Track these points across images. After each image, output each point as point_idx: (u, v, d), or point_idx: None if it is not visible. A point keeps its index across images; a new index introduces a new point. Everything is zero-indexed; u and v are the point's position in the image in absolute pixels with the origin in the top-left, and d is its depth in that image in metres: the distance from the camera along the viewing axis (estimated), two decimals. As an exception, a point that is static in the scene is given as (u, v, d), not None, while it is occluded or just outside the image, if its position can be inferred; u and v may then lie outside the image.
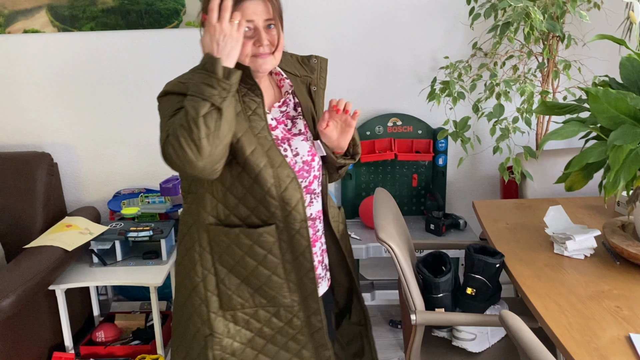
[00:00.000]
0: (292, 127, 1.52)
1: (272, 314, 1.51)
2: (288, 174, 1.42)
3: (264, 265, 1.47)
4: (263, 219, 1.44)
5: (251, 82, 1.42)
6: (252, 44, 1.38)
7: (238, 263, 1.47)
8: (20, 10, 2.54)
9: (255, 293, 1.49)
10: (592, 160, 1.53)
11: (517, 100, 2.59)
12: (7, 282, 2.02)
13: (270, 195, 1.42)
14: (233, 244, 1.46)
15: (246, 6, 1.35)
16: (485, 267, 1.67)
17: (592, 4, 2.36)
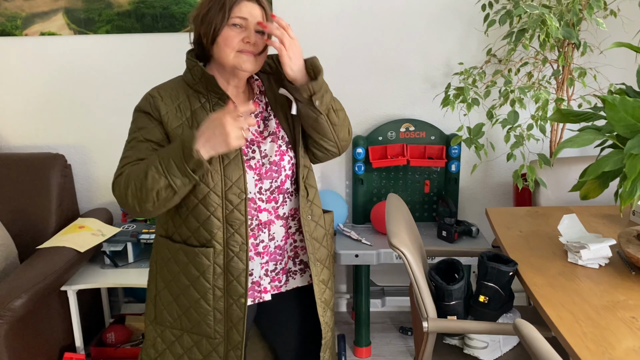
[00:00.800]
0: (264, 130, 1.53)
1: (194, 342, 1.52)
2: (240, 195, 1.43)
3: (195, 287, 1.47)
4: (202, 241, 1.45)
5: (220, 91, 1.45)
6: (240, 40, 1.40)
7: (174, 279, 1.50)
8: (38, 13, 2.57)
9: (183, 315, 1.51)
10: (608, 168, 1.52)
11: (531, 107, 2.58)
12: (20, 282, 2.03)
13: (215, 216, 1.43)
14: (172, 259, 1.50)
15: (244, 4, 1.39)
16: (499, 275, 1.66)
17: (608, 12, 2.35)
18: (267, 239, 1.53)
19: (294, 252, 1.60)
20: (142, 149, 1.41)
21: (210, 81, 1.43)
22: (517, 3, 2.19)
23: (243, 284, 1.46)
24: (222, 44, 1.40)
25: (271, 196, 1.51)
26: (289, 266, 1.60)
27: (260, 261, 1.52)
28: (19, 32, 2.60)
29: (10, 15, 2.57)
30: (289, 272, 1.61)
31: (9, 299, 1.95)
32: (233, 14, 1.38)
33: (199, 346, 1.51)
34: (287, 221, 1.56)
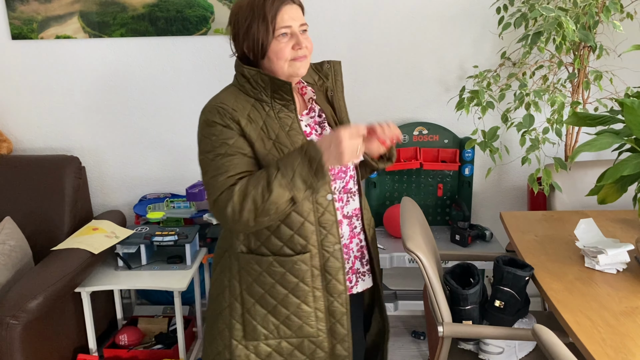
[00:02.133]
0: (322, 132, 1.53)
1: (295, 346, 1.52)
2: (327, 196, 1.45)
3: (294, 293, 1.47)
4: (298, 248, 1.46)
5: (289, 97, 1.44)
6: (290, 48, 1.39)
7: (267, 292, 1.48)
8: (53, 17, 2.59)
9: (280, 324, 1.50)
10: (627, 172, 1.50)
11: (546, 110, 2.56)
12: (34, 283, 2.04)
13: (309, 221, 1.44)
14: (265, 272, 1.48)
15: (284, 11, 1.38)
16: (515, 279, 1.64)
17: (624, 14, 2.32)
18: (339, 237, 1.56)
19: (360, 252, 1.61)
20: (239, 162, 1.37)
21: (282, 86, 1.41)
22: (533, 6, 2.17)
23: (342, 281, 1.49)
24: (273, 57, 1.40)
25: (339, 195, 1.53)
26: (356, 266, 1.60)
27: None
28: (35, 36, 2.62)
29: (26, 18, 2.59)
30: (357, 272, 1.61)
31: (24, 300, 1.96)
32: (277, 26, 1.37)
33: (301, 348, 1.52)
34: (351, 220, 1.57)
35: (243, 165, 1.38)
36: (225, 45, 2.63)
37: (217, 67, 2.67)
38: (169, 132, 2.76)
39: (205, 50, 2.65)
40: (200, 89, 2.70)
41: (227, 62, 2.66)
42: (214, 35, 2.62)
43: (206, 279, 2.81)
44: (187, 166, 2.80)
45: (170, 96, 2.72)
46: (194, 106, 2.72)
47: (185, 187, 2.83)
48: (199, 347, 2.67)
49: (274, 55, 1.39)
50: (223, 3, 2.57)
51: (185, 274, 2.37)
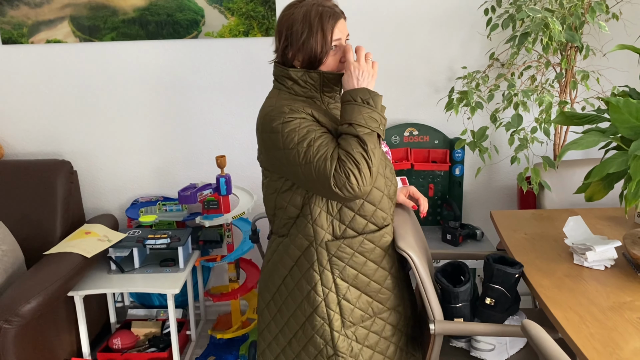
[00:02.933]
0: None
1: (385, 320, 1.62)
2: (387, 169, 1.59)
3: (382, 265, 1.60)
4: (380, 222, 1.57)
5: (337, 87, 1.55)
6: (338, 61, 1.51)
7: (360, 272, 1.56)
8: (44, 21, 2.59)
9: (373, 301, 1.59)
10: (612, 170, 1.52)
11: (534, 110, 2.59)
12: (27, 288, 2.04)
13: (386, 195, 1.57)
14: (357, 253, 1.55)
15: (337, 26, 1.47)
16: (505, 277, 1.66)
17: (610, 15, 2.36)
18: None
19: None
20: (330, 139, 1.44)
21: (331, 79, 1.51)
22: (520, 7, 2.20)
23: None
24: (325, 68, 1.50)
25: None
26: None
27: None
28: (25, 40, 2.62)
29: (16, 23, 2.59)
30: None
31: (17, 305, 1.95)
32: (333, 37, 1.47)
33: (390, 321, 1.63)
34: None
35: (334, 140, 1.45)
36: (216, 48, 2.65)
37: (208, 71, 2.68)
38: (160, 136, 2.77)
39: (197, 53, 2.66)
40: (191, 93, 2.71)
41: (218, 66, 2.67)
42: (205, 39, 2.63)
43: (199, 282, 2.81)
44: (178, 169, 2.81)
45: (161, 99, 2.72)
46: (185, 109, 2.73)
47: (177, 190, 2.84)
48: (192, 350, 2.68)
49: (326, 67, 1.50)
50: (213, 6, 2.58)
51: (178, 277, 2.38)
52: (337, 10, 1.49)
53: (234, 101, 2.73)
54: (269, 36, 2.61)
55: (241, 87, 2.70)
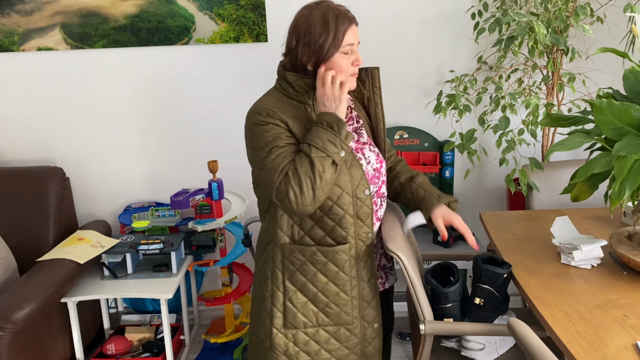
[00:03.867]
0: (359, 138, 1.64)
1: (331, 334, 1.61)
2: (365, 191, 1.56)
3: (334, 281, 1.58)
4: (339, 239, 1.56)
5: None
6: (350, 64, 1.52)
7: (309, 280, 1.58)
8: (35, 29, 2.61)
9: (319, 312, 1.60)
10: (597, 170, 1.55)
11: (522, 112, 2.62)
12: (20, 294, 2.05)
13: (349, 214, 1.55)
14: (308, 261, 1.57)
15: (350, 30, 1.51)
16: (493, 277, 1.69)
17: (595, 18, 2.40)
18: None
19: (383, 249, 1.73)
20: (291, 152, 1.48)
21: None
22: (506, 11, 2.24)
23: (370, 267, 1.61)
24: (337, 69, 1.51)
25: (374, 199, 1.63)
26: (383, 263, 1.73)
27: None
28: (16, 48, 2.63)
29: (7, 31, 2.60)
30: (384, 268, 1.74)
31: (11, 311, 1.96)
32: (345, 42, 1.50)
33: (337, 336, 1.61)
34: (380, 222, 1.69)
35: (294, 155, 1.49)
36: (207, 54, 2.67)
37: (199, 77, 2.70)
38: (152, 141, 2.78)
39: (187, 59, 2.68)
40: (183, 98, 2.73)
41: (209, 72, 2.69)
42: (195, 45, 2.65)
43: (192, 287, 2.82)
44: (170, 174, 2.82)
45: (153, 105, 2.74)
46: (176, 116, 2.75)
47: (169, 195, 2.85)
48: (186, 354, 2.69)
49: (337, 68, 1.51)
50: (204, 13, 2.60)
51: (172, 282, 2.39)
52: (349, 15, 1.53)
53: (225, 106, 2.74)
54: (259, 42, 2.64)
55: (232, 93, 2.72)
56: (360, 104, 1.72)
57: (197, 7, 2.59)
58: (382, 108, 1.68)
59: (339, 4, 1.53)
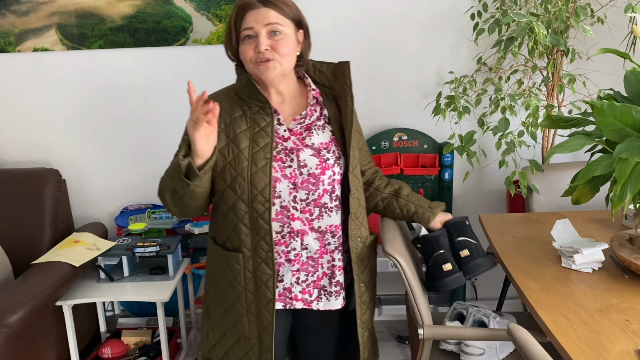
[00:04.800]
0: (307, 137, 1.52)
1: (235, 340, 1.57)
2: (264, 204, 1.45)
3: (231, 289, 1.53)
4: (234, 246, 1.50)
5: (263, 99, 1.48)
6: (253, 51, 1.43)
7: (217, 279, 1.55)
8: (31, 29, 2.59)
9: (224, 314, 1.55)
10: (598, 173, 1.53)
11: (522, 114, 2.60)
12: (14, 298, 2.03)
13: (243, 223, 1.47)
14: (215, 260, 1.55)
15: (247, 15, 1.43)
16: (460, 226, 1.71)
17: (595, 19, 2.38)
18: (299, 247, 1.53)
19: (330, 270, 1.57)
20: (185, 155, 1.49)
21: (253, 89, 1.48)
22: (505, 12, 2.22)
23: (271, 289, 1.49)
24: (242, 58, 1.47)
25: (306, 207, 1.51)
26: (323, 283, 1.57)
27: (291, 268, 1.54)
28: (12, 49, 2.61)
29: (3, 32, 2.58)
30: (322, 289, 1.57)
31: (4, 315, 1.94)
32: (241, 29, 1.43)
33: (239, 345, 1.56)
34: (324, 236, 1.54)
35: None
36: (204, 55, 2.65)
37: (196, 77, 2.68)
38: (149, 143, 2.76)
39: (185, 60, 2.66)
40: (180, 99, 2.71)
41: (207, 73, 2.67)
42: (192, 46, 2.63)
43: (189, 290, 2.80)
44: (168, 176, 2.80)
45: (149, 107, 2.72)
46: (173, 117, 2.73)
47: (167, 197, 2.82)
48: (183, 358, 2.66)
49: (242, 57, 1.46)
50: (201, 13, 2.58)
51: (168, 285, 2.37)
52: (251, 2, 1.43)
53: (223, 108, 2.72)
54: (257, 43, 2.62)
55: (230, 94, 2.70)
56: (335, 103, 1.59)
57: (195, 7, 2.57)
58: (353, 108, 1.53)
59: None
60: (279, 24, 1.43)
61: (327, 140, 1.54)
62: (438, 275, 1.64)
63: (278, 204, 1.49)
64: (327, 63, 1.61)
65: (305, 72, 1.60)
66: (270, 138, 1.47)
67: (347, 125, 1.53)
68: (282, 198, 1.48)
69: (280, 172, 1.48)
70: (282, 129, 1.51)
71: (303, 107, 1.56)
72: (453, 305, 1.94)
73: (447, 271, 1.64)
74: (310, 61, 1.61)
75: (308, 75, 1.60)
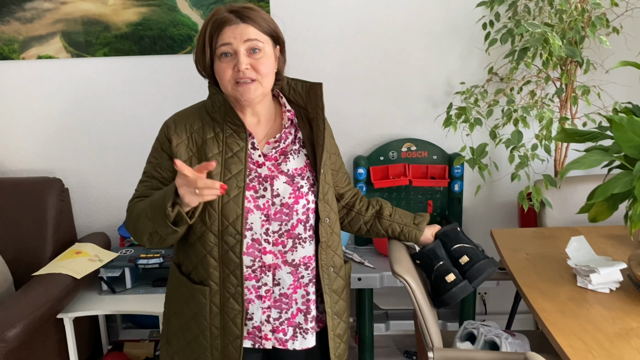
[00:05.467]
0: (282, 163, 1.43)
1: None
2: (235, 236, 1.36)
3: (195, 322, 1.43)
4: (201, 278, 1.41)
5: (239, 122, 1.38)
6: (232, 70, 1.34)
7: (180, 309, 1.46)
8: (35, 37, 2.55)
9: (187, 345, 1.46)
10: (617, 190, 1.47)
11: (534, 126, 2.54)
12: (14, 311, 1.99)
13: (211, 256, 1.38)
14: (178, 289, 1.46)
15: (224, 31, 1.33)
16: (453, 234, 1.69)
17: (611, 29, 2.32)
18: (271, 283, 1.43)
19: (305, 305, 1.47)
20: (151, 186, 1.44)
21: (230, 111, 1.38)
22: (519, 22, 2.16)
23: (239, 325, 1.40)
24: (218, 77, 1.37)
25: (279, 239, 1.41)
26: (298, 320, 1.47)
27: (262, 305, 1.44)
28: (16, 56, 2.58)
29: (7, 39, 2.55)
30: (298, 327, 1.47)
31: (3, 329, 1.89)
32: (217, 44, 1.34)
33: None
34: (298, 269, 1.44)
35: (153, 192, 1.40)
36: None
37: (201, 86, 2.62)
38: (154, 152, 2.72)
39: (190, 68, 2.59)
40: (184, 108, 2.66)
41: (213, 81, 2.63)
42: (198, 54, 2.59)
43: (193, 302, 2.75)
44: (172, 186, 2.76)
45: (154, 116, 2.67)
46: (179, 125, 2.68)
47: (171, 207, 2.78)
48: (186, 371, 2.61)
49: (218, 76, 1.37)
50: (207, 21, 2.54)
51: (171, 298, 2.32)
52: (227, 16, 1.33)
53: (229, 117, 2.68)
54: (264, 51, 2.58)
55: (236, 103, 2.66)
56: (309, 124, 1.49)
57: (201, 15, 2.54)
58: (324, 132, 1.41)
59: (232, 4, 1.37)
60: (258, 40, 1.34)
61: (302, 165, 1.45)
62: (443, 288, 1.60)
63: (249, 236, 1.39)
64: (302, 82, 1.50)
65: (279, 90, 1.50)
66: (243, 165, 1.37)
67: (318, 149, 1.44)
68: (253, 230, 1.39)
69: (253, 203, 1.38)
70: (256, 154, 1.41)
71: (276, 129, 1.46)
72: (464, 324, 1.88)
73: (452, 282, 1.59)
74: (285, 78, 1.50)
75: (282, 94, 1.50)
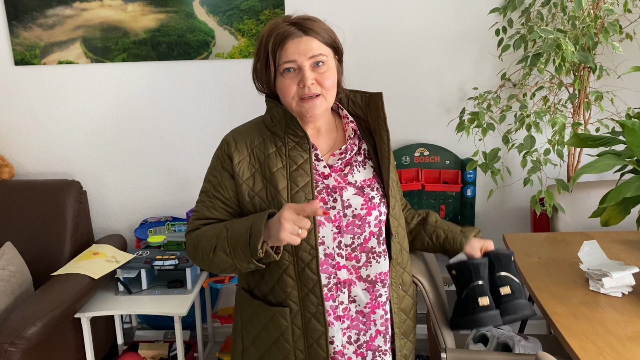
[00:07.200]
0: (349, 174, 1.38)
1: None
2: (310, 252, 1.30)
3: (277, 347, 1.37)
4: (279, 300, 1.35)
5: (301, 133, 1.34)
6: (296, 86, 1.30)
7: (257, 337, 1.40)
8: (56, 42, 2.61)
9: None
10: (629, 195, 1.48)
11: (547, 131, 2.55)
12: (33, 310, 2.03)
13: (288, 274, 1.32)
14: (254, 315, 1.40)
15: (287, 46, 1.28)
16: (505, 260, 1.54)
17: (624, 35, 2.33)
18: (347, 300, 1.36)
19: (384, 326, 1.40)
20: (213, 206, 1.38)
21: (291, 121, 1.33)
22: (532, 28, 2.18)
23: (324, 347, 1.33)
24: (281, 93, 1.33)
25: (352, 253, 1.35)
26: (377, 343, 1.40)
27: (341, 326, 1.36)
28: (38, 61, 2.64)
29: (29, 44, 2.61)
30: (377, 350, 1.40)
31: (23, 327, 1.94)
32: (280, 61, 1.29)
33: None
34: (374, 286, 1.37)
35: (215, 212, 1.38)
36: (226, 69, 2.65)
37: (218, 92, 2.68)
38: (170, 156, 2.76)
39: (207, 74, 2.67)
40: (202, 113, 2.71)
41: (228, 87, 2.67)
42: (215, 60, 2.63)
43: (207, 304, 2.78)
44: (188, 189, 2.80)
45: (171, 120, 2.72)
46: (195, 130, 2.73)
47: (186, 210, 2.82)
48: (200, 372, 2.64)
49: (281, 92, 1.32)
50: (224, 28, 2.59)
51: (186, 299, 2.35)
52: (288, 30, 1.28)
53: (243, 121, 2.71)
54: (279, 57, 2.61)
55: (251, 108, 2.69)
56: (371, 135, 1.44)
57: (217, 22, 2.58)
58: (388, 144, 1.37)
59: (289, 15, 1.33)
60: (322, 54, 1.29)
61: (370, 176, 1.39)
62: (472, 309, 1.48)
63: (322, 251, 1.32)
64: (361, 92, 1.44)
65: (338, 102, 1.45)
66: (309, 177, 1.32)
67: (383, 162, 1.38)
68: (325, 244, 1.32)
69: (323, 216, 1.32)
70: (321, 165, 1.36)
71: (340, 141, 1.41)
72: (476, 327, 1.89)
73: (484, 306, 1.47)
74: (344, 90, 1.46)
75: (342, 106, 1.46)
